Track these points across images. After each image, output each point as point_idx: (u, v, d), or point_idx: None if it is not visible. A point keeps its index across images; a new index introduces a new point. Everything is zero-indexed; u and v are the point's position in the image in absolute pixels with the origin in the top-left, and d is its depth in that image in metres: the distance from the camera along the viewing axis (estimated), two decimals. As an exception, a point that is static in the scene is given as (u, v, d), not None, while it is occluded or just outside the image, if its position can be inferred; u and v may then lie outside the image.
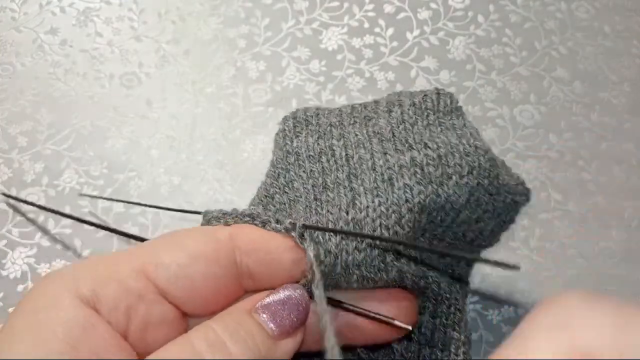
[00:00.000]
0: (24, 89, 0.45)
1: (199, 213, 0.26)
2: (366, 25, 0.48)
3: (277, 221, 0.23)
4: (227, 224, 0.24)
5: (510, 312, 0.35)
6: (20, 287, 0.36)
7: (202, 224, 0.25)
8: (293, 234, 0.22)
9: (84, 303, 0.20)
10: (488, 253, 0.37)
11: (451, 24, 0.47)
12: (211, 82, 0.45)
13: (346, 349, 0.26)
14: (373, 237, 0.23)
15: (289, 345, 0.21)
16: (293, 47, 0.47)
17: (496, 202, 0.26)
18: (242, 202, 0.39)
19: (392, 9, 0.48)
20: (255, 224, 0.23)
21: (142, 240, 0.28)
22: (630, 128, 0.42)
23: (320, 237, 0.23)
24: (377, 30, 0.47)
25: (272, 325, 0.21)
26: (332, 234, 0.23)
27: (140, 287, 0.20)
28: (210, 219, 0.24)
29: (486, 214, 0.26)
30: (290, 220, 0.23)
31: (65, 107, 0.44)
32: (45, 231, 0.38)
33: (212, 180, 0.40)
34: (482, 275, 0.36)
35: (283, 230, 0.22)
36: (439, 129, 0.27)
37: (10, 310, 0.35)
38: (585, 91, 0.44)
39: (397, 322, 0.23)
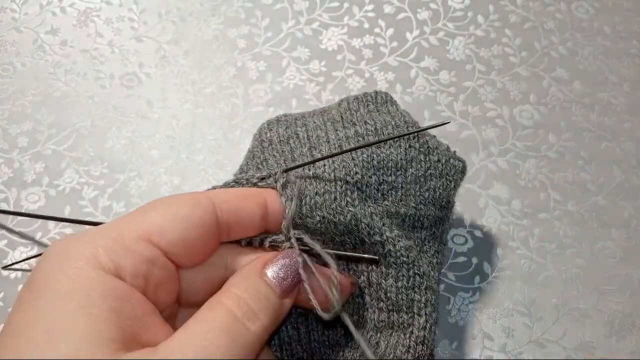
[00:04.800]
0: (25, 89, 0.45)
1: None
2: (366, 25, 0.48)
3: (259, 172, 0.28)
4: None
5: (510, 312, 0.35)
6: (20, 287, 0.36)
7: None
8: (270, 180, 0.28)
9: (108, 273, 0.22)
10: (485, 250, 0.37)
11: (451, 24, 0.48)
12: (211, 82, 0.45)
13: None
14: (330, 156, 0.31)
15: (289, 302, 0.26)
16: (293, 48, 0.47)
17: (432, 161, 0.32)
18: (242, 202, 0.39)
19: (392, 10, 0.48)
20: (233, 185, 0.28)
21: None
22: (629, 128, 0.42)
23: (288, 188, 0.28)
24: (377, 30, 0.47)
25: (278, 285, 0.25)
26: (294, 186, 0.28)
27: (151, 254, 0.23)
28: None
29: (429, 171, 0.32)
30: (268, 170, 0.29)
31: (65, 107, 0.44)
32: (45, 231, 0.39)
33: (212, 180, 0.40)
34: (481, 275, 0.36)
35: (264, 181, 0.28)
36: (376, 113, 0.34)
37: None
38: (584, 91, 0.44)
39: (365, 256, 0.29)
